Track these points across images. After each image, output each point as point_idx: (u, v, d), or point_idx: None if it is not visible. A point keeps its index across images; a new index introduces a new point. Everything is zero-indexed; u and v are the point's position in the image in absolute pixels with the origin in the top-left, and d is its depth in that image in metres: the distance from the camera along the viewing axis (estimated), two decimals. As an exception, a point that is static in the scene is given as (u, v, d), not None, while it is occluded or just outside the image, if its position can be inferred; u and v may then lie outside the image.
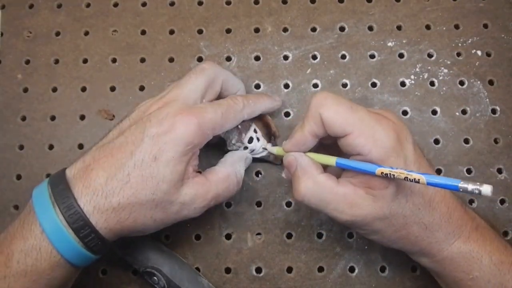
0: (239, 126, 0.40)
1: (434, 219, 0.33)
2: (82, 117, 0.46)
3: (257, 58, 0.47)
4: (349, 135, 0.32)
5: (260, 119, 0.43)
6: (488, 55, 0.46)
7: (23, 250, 0.31)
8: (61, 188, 0.32)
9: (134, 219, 0.33)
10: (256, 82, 0.46)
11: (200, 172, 0.37)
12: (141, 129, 0.34)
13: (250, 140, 0.41)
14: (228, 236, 0.43)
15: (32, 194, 0.34)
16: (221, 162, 0.39)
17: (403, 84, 0.46)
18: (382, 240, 0.35)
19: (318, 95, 0.33)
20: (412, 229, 0.34)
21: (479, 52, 0.46)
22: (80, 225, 0.31)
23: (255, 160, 0.42)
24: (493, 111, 0.45)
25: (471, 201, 0.43)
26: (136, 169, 0.32)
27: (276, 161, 0.43)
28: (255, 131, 0.42)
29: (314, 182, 0.34)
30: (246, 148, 0.41)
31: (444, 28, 0.47)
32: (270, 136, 0.43)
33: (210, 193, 0.35)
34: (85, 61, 0.48)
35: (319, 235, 0.43)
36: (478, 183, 0.26)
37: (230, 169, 0.38)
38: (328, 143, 0.37)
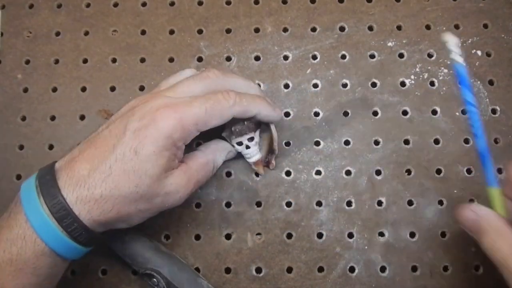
0: (246, 122, 0.40)
1: None
2: (82, 117, 0.46)
3: (257, 58, 0.47)
4: None
5: (267, 132, 0.43)
6: (488, 55, 0.46)
7: (9, 239, 0.32)
8: (47, 179, 0.33)
9: (118, 211, 0.33)
10: (256, 82, 0.46)
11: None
12: (124, 122, 0.34)
13: (251, 139, 0.41)
14: (228, 236, 0.43)
15: (21, 185, 0.35)
16: (204, 146, 0.40)
17: (403, 84, 0.46)
18: None
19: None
20: None
21: (479, 52, 0.46)
22: (63, 215, 0.32)
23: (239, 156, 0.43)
24: (493, 111, 0.45)
25: (471, 201, 0.43)
26: (117, 162, 0.33)
27: (258, 171, 0.44)
28: (260, 137, 0.42)
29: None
30: (240, 144, 0.41)
31: (444, 28, 0.47)
32: (267, 151, 0.43)
33: (192, 180, 0.37)
34: (85, 61, 0.48)
35: (319, 235, 0.43)
36: None
37: (210, 156, 0.39)
38: None
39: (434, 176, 0.44)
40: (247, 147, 0.41)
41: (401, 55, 0.46)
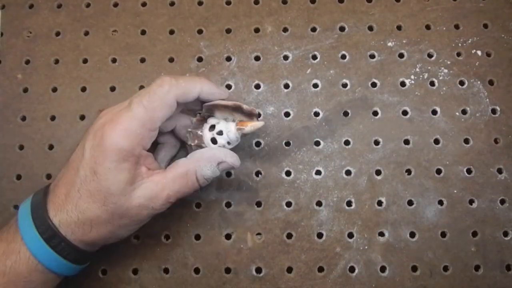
0: (191, 118, 0.39)
1: None
2: (82, 117, 0.46)
3: (257, 58, 0.47)
4: None
5: (227, 112, 0.38)
6: (488, 55, 0.46)
7: (5, 252, 0.33)
8: (38, 201, 0.35)
9: (97, 231, 0.34)
10: (256, 82, 0.46)
11: (164, 168, 0.37)
12: (83, 143, 0.35)
13: (219, 133, 0.38)
14: (228, 236, 0.43)
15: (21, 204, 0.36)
16: (190, 155, 0.37)
17: (403, 84, 0.46)
18: None
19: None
20: None
21: (479, 52, 0.46)
22: (50, 235, 0.33)
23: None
24: (493, 111, 0.45)
25: (471, 201, 0.43)
26: (83, 185, 0.34)
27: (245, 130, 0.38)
28: (225, 121, 0.38)
29: None
30: (215, 141, 0.38)
31: (444, 28, 0.47)
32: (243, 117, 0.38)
33: (166, 190, 0.35)
34: (85, 61, 0.48)
35: (319, 235, 0.43)
36: None
37: (191, 166, 0.36)
38: None
39: (434, 176, 0.44)
40: (217, 137, 0.38)
41: (401, 55, 0.46)
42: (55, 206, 0.34)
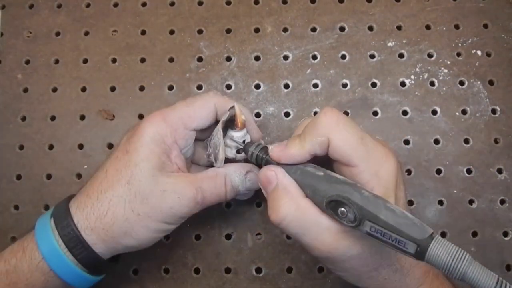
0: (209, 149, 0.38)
1: (405, 264, 0.32)
2: (82, 117, 0.46)
3: (257, 58, 0.47)
4: (354, 167, 0.30)
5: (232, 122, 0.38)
6: (488, 55, 0.46)
7: (13, 250, 0.34)
8: (63, 202, 0.35)
9: (113, 213, 0.33)
10: (256, 82, 0.46)
11: None
12: (123, 137, 0.36)
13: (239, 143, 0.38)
14: (228, 236, 0.43)
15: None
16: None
17: (403, 84, 0.46)
18: (350, 278, 0.33)
19: (329, 115, 0.31)
20: (384, 271, 0.32)
21: (479, 52, 0.46)
22: (61, 222, 0.33)
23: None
24: (493, 111, 0.45)
25: (471, 201, 0.43)
26: (111, 165, 0.34)
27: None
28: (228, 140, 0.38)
29: (297, 207, 0.30)
30: (239, 151, 0.38)
31: (444, 28, 0.47)
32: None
33: (193, 185, 0.34)
34: (85, 61, 0.48)
35: (319, 235, 0.43)
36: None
37: (221, 170, 0.36)
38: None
39: (434, 176, 0.44)
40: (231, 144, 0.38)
41: (401, 55, 0.46)
42: (78, 194, 0.35)
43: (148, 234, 0.34)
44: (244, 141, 0.37)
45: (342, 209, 0.29)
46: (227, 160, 0.38)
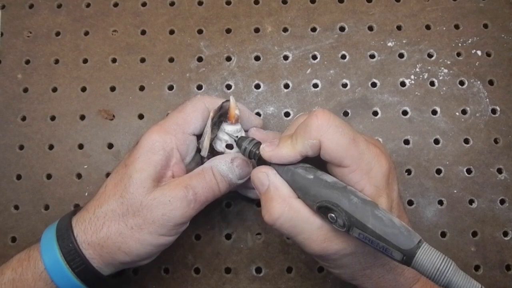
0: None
1: (398, 264, 0.32)
2: (82, 117, 0.46)
3: (257, 58, 0.47)
4: (346, 168, 0.30)
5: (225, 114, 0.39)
6: (488, 55, 0.46)
7: (20, 259, 0.34)
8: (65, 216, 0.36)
9: (108, 227, 0.33)
10: (256, 82, 0.46)
11: None
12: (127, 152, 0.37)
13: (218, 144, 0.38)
14: (228, 236, 0.43)
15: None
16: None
17: (403, 84, 0.46)
18: (344, 276, 0.33)
19: (320, 117, 0.30)
20: (378, 270, 0.32)
21: (479, 52, 0.46)
22: (63, 234, 0.34)
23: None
24: (493, 111, 0.45)
25: (471, 201, 0.43)
26: (111, 179, 0.35)
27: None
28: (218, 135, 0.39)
29: (289, 207, 0.31)
30: (231, 147, 0.38)
31: (444, 28, 0.47)
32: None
33: (181, 183, 0.34)
34: (85, 61, 0.48)
35: (319, 235, 0.43)
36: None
37: (206, 165, 0.36)
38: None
39: (434, 176, 0.44)
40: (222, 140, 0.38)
41: (401, 55, 0.46)
42: (80, 211, 0.35)
43: (142, 248, 0.34)
44: (237, 136, 0.37)
45: (332, 214, 0.29)
46: (217, 154, 0.38)
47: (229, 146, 0.38)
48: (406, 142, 0.45)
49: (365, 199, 0.29)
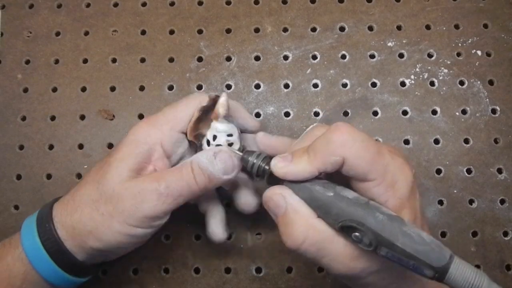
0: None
1: None
2: (82, 117, 0.46)
3: (257, 58, 0.47)
4: (370, 181, 0.29)
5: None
6: (488, 55, 0.46)
7: (3, 242, 0.35)
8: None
9: (81, 211, 0.33)
10: (256, 82, 0.46)
11: None
12: None
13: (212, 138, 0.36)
14: (228, 236, 0.43)
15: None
16: None
17: (403, 84, 0.46)
18: None
19: (345, 132, 0.28)
20: (403, 284, 0.31)
21: (479, 52, 0.46)
22: (42, 215, 0.34)
23: None
24: (493, 111, 0.45)
25: (471, 201, 0.43)
26: (95, 166, 0.36)
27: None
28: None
29: (312, 230, 0.29)
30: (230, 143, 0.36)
31: (444, 28, 0.47)
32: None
33: (155, 177, 0.33)
34: (85, 61, 0.48)
35: (319, 235, 0.43)
36: None
37: (187, 160, 0.34)
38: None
39: (434, 176, 0.44)
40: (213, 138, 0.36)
41: (401, 55, 0.46)
42: (63, 196, 0.36)
43: (111, 236, 0.33)
44: (230, 135, 0.35)
45: (357, 233, 0.27)
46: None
47: (230, 144, 0.36)
48: (406, 142, 0.45)
49: (390, 214, 0.28)
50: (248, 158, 0.33)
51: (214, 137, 0.36)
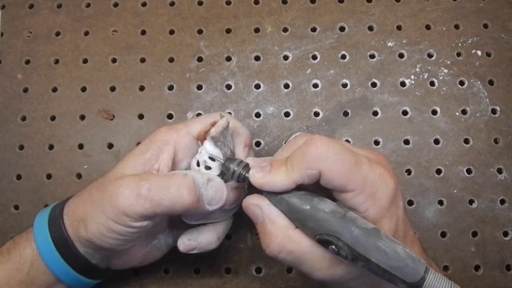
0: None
1: None
2: (82, 117, 0.46)
3: (257, 58, 0.47)
4: (349, 192, 0.29)
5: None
6: (488, 55, 0.46)
7: (16, 240, 0.35)
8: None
9: (81, 197, 0.34)
10: (256, 82, 0.46)
11: None
12: None
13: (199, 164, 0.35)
14: (228, 236, 0.43)
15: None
16: None
17: (403, 84, 0.46)
18: None
19: (320, 146, 0.28)
20: (385, 287, 0.31)
21: (479, 52, 0.46)
22: (57, 205, 0.35)
23: None
24: (493, 111, 0.45)
25: (471, 201, 0.43)
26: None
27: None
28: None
29: (289, 241, 0.30)
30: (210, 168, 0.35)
31: (444, 28, 0.47)
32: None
33: (141, 176, 0.32)
34: (85, 61, 0.48)
35: (319, 235, 0.43)
36: None
37: (180, 171, 0.34)
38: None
39: (434, 176, 0.44)
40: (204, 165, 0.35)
41: (401, 55, 0.46)
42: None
43: (96, 226, 0.32)
44: (212, 159, 0.34)
45: (333, 246, 0.28)
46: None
47: (207, 168, 0.35)
48: (406, 142, 0.45)
49: (366, 228, 0.28)
50: (229, 165, 0.33)
51: (200, 151, 0.35)
